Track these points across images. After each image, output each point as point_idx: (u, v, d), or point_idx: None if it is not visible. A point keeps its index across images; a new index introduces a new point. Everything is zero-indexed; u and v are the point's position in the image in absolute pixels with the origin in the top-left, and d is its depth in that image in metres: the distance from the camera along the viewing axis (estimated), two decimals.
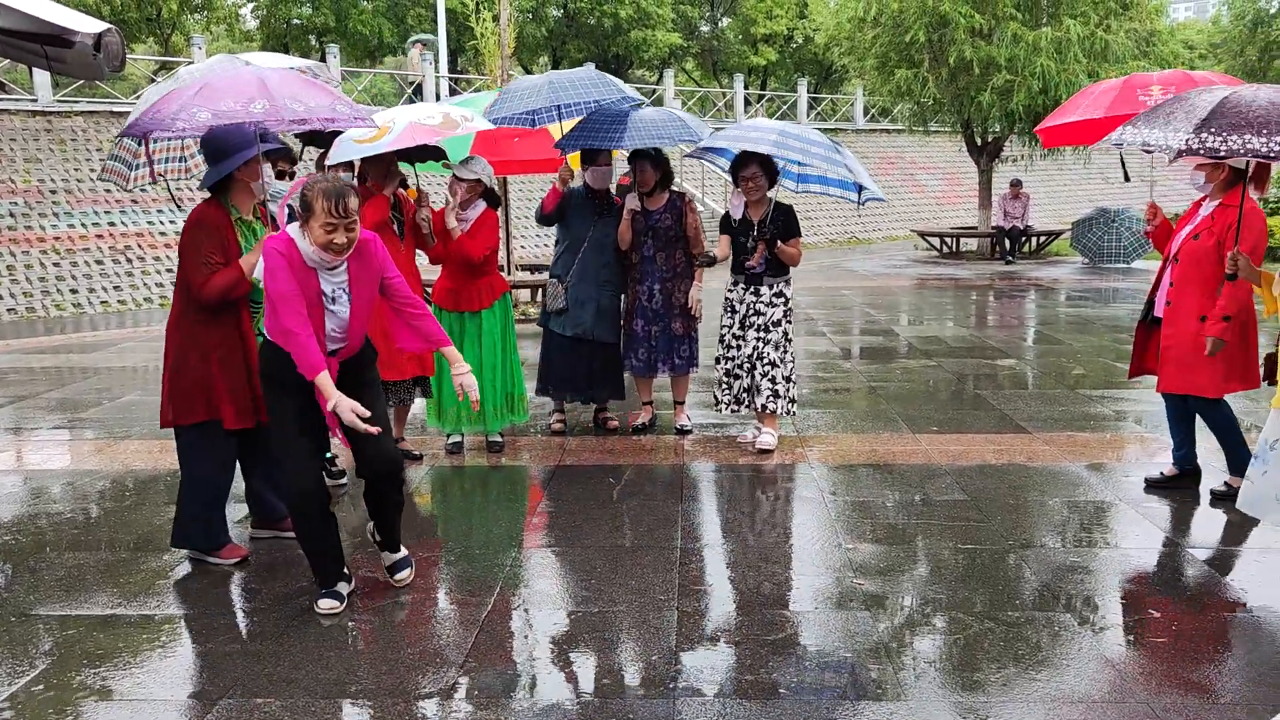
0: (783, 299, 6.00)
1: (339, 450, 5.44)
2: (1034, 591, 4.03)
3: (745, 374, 6.03)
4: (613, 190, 6.44)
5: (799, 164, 6.14)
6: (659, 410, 6.73)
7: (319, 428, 3.88)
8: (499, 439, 6.10)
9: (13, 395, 8.01)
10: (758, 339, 5.98)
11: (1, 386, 8.41)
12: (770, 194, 5.88)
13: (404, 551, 4.22)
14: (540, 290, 11.84)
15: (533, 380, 6.52)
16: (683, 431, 6.43)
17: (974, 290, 14.41)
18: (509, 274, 12.12)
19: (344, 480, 5.51)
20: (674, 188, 6.34)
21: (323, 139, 5.63)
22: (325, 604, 3.87)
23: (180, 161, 5.41)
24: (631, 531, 4.75)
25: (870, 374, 8.39)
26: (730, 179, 6.03)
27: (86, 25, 3.66)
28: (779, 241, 5.82)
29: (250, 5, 30.22)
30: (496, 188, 5.88)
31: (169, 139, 4.99)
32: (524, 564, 4.37)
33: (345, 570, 4.01)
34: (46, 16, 3.50)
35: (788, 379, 6.02)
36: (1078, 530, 4.73)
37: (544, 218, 6.18)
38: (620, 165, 7.47)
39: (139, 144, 5.12)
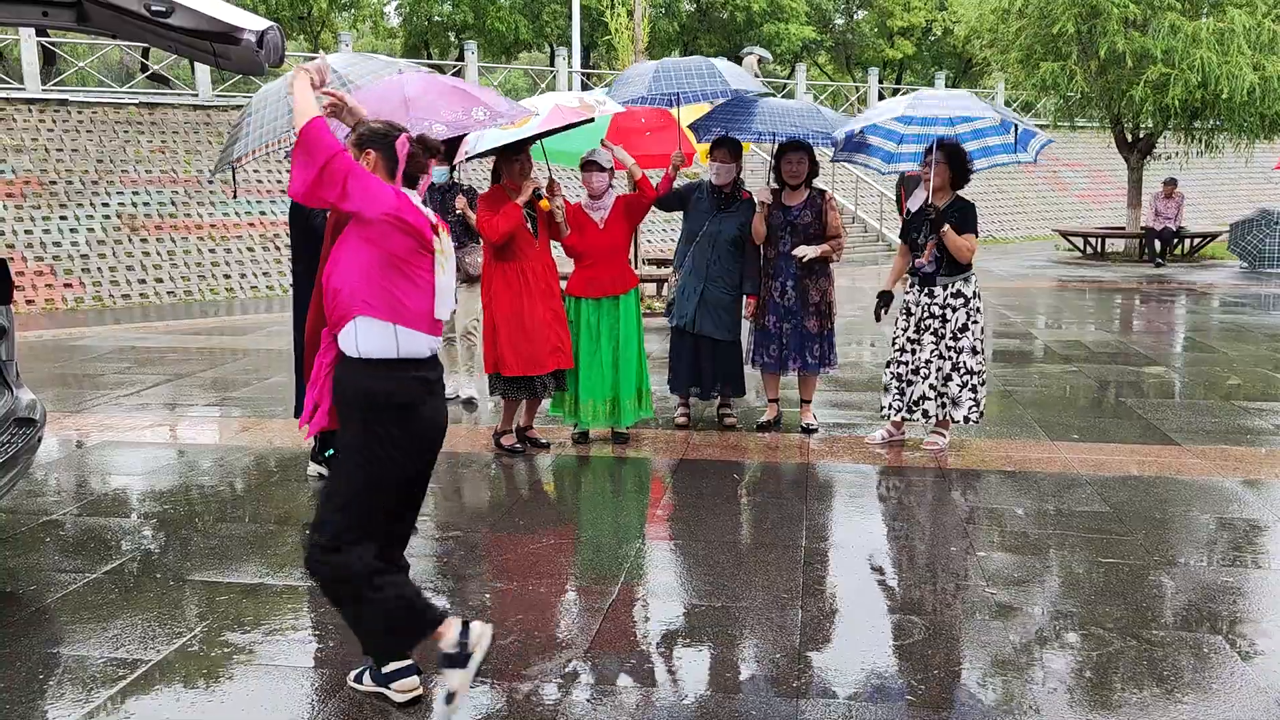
0: (963, 300, 5.72)
1: None
2: (1180, 611, 3.83)
3: (921, 380, 5.80)
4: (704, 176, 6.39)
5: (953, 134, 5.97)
6: (784, 409, 6.67)
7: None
8: (625, 430, 6.15)
9: (170, 373, 8.51)
10: (935, 344, 5.75)
11: (160, 365, 8.95)
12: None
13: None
14: (665, 284, 11.97)
15: (656, 374, 6.55)
16: (808, 430, 6.35)
17: (1119, 294, 13.76)
18: (636, 268, 12.22)
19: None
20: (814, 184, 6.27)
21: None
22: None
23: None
24: (756, 528, 4.73)
25: (1005, 377, 8.11)
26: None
27: (252, 23, 3.85)
28: (947, 225, 5.59)
29: (394, 3, 31.26)
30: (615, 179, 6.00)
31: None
32: (648, 555, 4.40)
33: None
34: (219, 15, 3.70)
35: (983, 383, 5.85)
36: (1229, 549, 4.47)
37: (659, 201, 6.20)
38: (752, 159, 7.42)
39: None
